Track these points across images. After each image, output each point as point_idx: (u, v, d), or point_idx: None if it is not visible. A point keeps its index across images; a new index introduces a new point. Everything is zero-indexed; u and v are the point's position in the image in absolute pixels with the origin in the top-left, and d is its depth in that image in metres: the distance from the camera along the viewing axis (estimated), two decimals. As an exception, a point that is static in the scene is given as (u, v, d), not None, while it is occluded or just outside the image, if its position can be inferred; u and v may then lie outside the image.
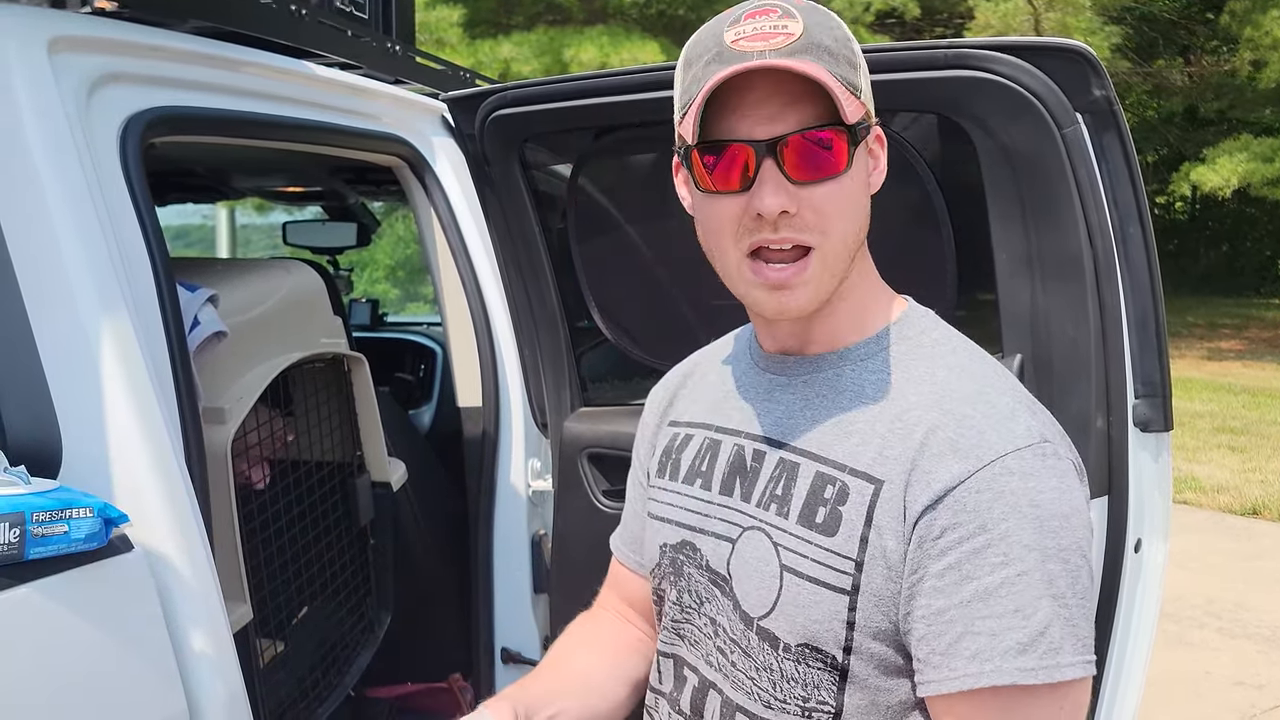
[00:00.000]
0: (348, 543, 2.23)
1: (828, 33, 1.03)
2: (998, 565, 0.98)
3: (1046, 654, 0.97)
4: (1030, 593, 0.98)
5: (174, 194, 3.57)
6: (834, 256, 1.05)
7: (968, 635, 0.99)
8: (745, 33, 1.01)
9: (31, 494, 1.17)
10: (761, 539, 1.10)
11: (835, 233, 1.04)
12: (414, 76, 2.45)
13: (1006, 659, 0.97)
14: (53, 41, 1.44)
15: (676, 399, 1.32)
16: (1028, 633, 0.97)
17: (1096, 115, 1.58)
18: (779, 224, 1.03)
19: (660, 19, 12.33)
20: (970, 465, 1.00)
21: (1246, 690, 4.09)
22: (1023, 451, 1.01)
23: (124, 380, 1.35)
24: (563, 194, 2.16)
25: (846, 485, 1.06)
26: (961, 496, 1.00)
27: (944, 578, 1.00)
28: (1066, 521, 1.00)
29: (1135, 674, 1.80)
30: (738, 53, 1.01)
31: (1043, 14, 12.32)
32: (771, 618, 1.08)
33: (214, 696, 1.36)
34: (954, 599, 0.99)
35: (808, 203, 1.03)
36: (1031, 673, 0.97)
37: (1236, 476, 7.37)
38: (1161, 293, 1.67)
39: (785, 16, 1.02)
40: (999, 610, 0.98)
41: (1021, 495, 0.99)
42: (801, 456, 1.10)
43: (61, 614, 1.19)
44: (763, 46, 1.00)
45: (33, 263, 1.35)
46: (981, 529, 0.99)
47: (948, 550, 1.00)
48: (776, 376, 1.17)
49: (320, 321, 2.19)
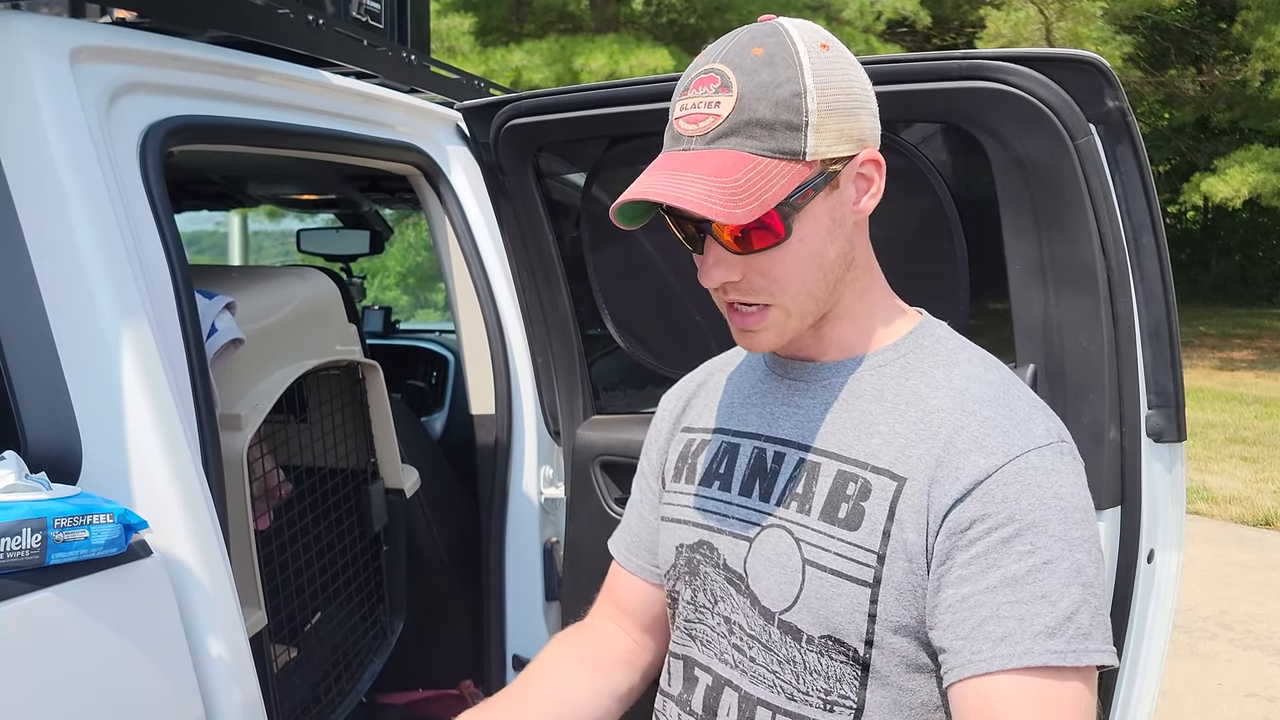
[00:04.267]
0: (361, 549, 2.24)
1: (768, 95, 1.03)
2: (1025, 554, 1.01)
3: (1075, 638, 1.00)
4: (1057, 580, 1.00)
5: (189, 201, 3.59)
6: (795, 305, 1.10)
7: (994, 619, 1.01)
8: (686, 109, 1.06)
9: (53, 499, 1.18)
10: (783, 535, 1.12)
11: (788, 291, 1.09)
12: (429, 85, 2.47)
13: (1037, 641, 0.99)
14: (74, 51, 1.46)
15: (690, 406, 1.33)
16: (1056, 617, 1.00)
17: (1110, 126, 1.59)
18: (728, 289, 1.10)
19: (671, 28, 12.36)
20: (997, 460, 1.04)
21: (1259, 702, 4.07)
22: (1044, 449, 1.05)
23: (143, 387, 1.36)
24: (577, 203, 2.17)
25: (869, 482, 1.09)
26: (990, 489, 1.03)
27: (970, 566, 1.03)
28: (1086, 515, 1.04)
29: (1149, 685, 1.80)
30: (677, 135, 1.07)
31: (1054, 23, 12.31)
32: (794, 611, 1.10)
33: (230, 701, 1.37)
34: (979, 585, 1.02)
35: (754, 268, 1.08)
36: (1061, 655, 0.99)
37: (1249, 487, 7.33)
38: (1175, 303, 1.67)
39: (721, 90, 1.04)
40: (1026, 596, 1.00)
41: (1046, 488, 1.03)
42: (822, 456, 1.13)
43: (82, 619, 1.20)
44: (692, 130, 1.05)
45: (54, 270, 1.36)
46: (1010, 519, 1.02)
47: (976, 540, 1.03)
48: (794, 381, 1.19)
49: (335, 328, 2.20)
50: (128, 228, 1.43)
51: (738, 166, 1.02)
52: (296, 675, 2.04)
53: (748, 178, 1.02)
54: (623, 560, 1.39)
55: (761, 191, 1.02)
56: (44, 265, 1.36)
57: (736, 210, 1.01)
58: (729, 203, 1.01)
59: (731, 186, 1.01)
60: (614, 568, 1.41)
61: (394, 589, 2.34)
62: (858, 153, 1.08)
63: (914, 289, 1.25)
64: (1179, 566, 1.80)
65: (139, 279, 1.42)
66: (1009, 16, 12.41)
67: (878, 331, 1.16)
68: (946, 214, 1.75)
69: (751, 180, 1.02)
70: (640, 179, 1.06)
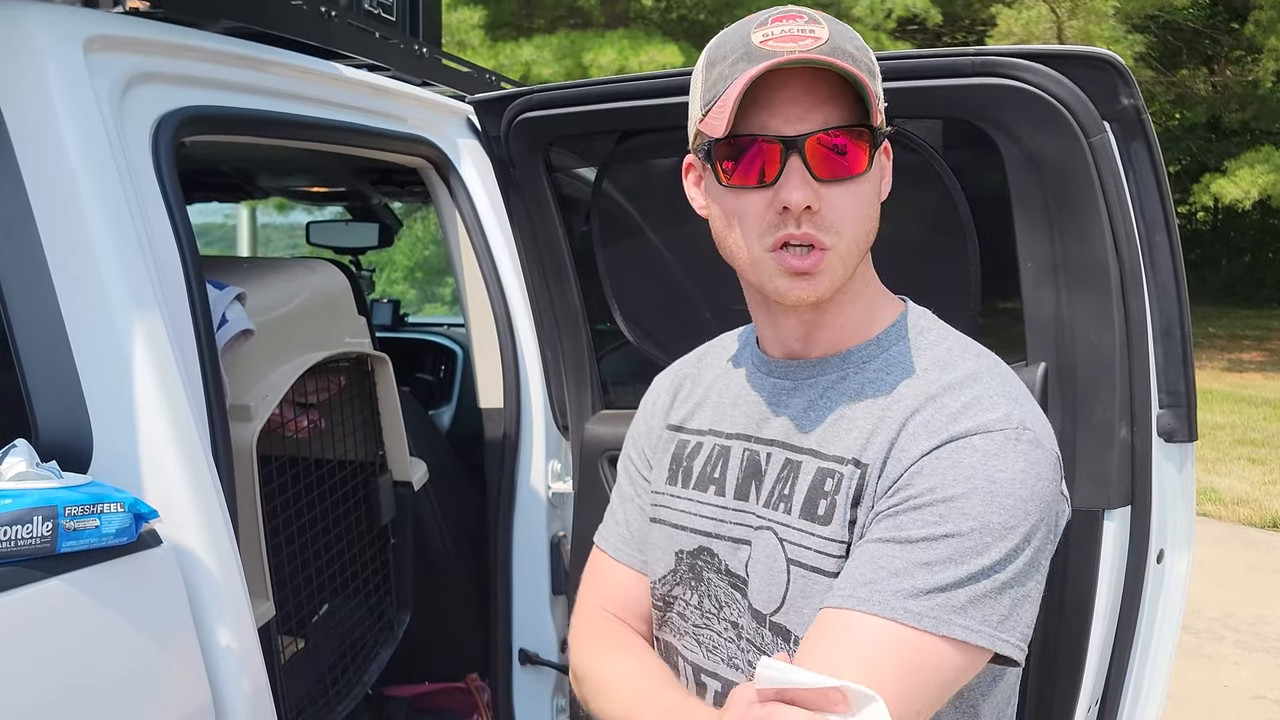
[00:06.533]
0: (368, 541, 2.24)
1: (850, 41, 1.07)
2: (930, 523, 1.00)
3: (942, 608, 0.98)
4: (949, 553, 0.99)
5: (199, 193, 3.59)
6: (847, 254, 1.08)
7: (870, 565, 1.01)
8: (774, 34, 1.05)
9: (64, 488, 1.18)
10: (770, 538, 1.13)
11: (849, 233, 1.07)
12: (440, 79, 2.46)
13: (898, 596, 0.99)
14: (88, 41, 1.46)
15: (678, 401, 1.33)
16: (930, 583, 0.99)
17: (1124, 124, 1.58)
18: (801, 219, 1.05)
19: (680, 23, 12.34)
20: (938, 441, 1.04)
21: (1265, 704, 4.06)
22: (994, 434, 1.03)
23: (154, 377, 1.37)
24: (587, 197, 2.17)
25: (841, 475, 1.09)
26: (922, 465, 1.03)
27: (878, 525, 1.04)
28: (1022, 505, 1.01)
29: (1157, 685, 1.79)
30: (768, 52, 1.04)
31: (1066, 22, 12.27)
32: (782, 612, 1.11)
33: (239, 691, 1.37)
34: (874, 537, 1.03)
35: (828, 200, 1.06)
36: (917, 616, 0.98)
37: (1257, 489, 7.31)
38: (1187, 302, 1.66)
39: (811, 22, 1.06)
40: (911, 558, 1.00)
41: (979, 470, 1.01)
42: (804, 455, 1.13)
43: (92, 607, 1.20)
44: (793, 47, 1.03)
45: (67, 259, 1.36)
46: (929, 491, 1.02)
47: (894, 508, 1.03)
48: (781, 381, 1.19)
49: (345, 321, 2.20)
50: (140, 218, 1.43)
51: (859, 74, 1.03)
52: (304, 666, 2.05)
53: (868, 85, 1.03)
54: (620, 555, 1.34)
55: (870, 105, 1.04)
56: (56, 254, 1.36)
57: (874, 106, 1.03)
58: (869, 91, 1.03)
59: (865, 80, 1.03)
60: (605, 563, 1.36)
61: (401, 582, 2.34)
62: None
63: (925, 286, 1.25)
64: (1189, 567, 1.79)
65: (151, 269, 1.42)
66: (1020, 15, 12.37)
67: (864, 325, 1.16)
68: (958, 211, 1.74)
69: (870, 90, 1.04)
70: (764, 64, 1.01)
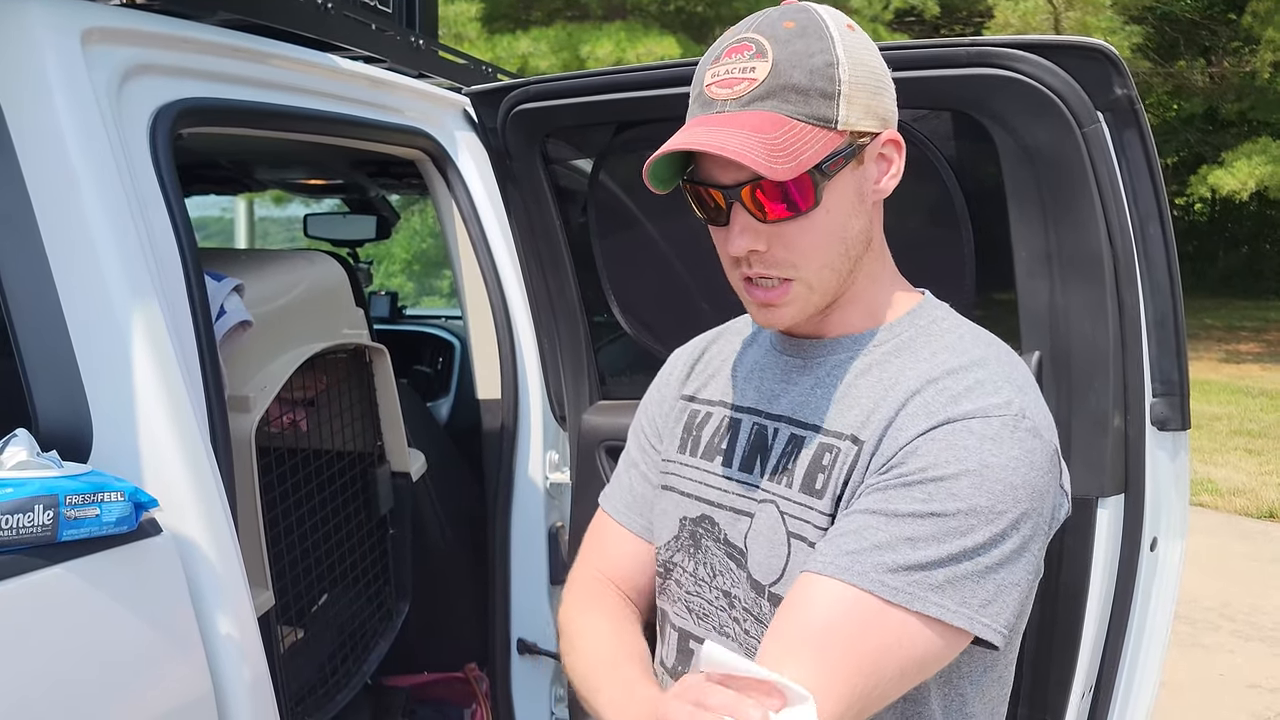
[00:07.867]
0: (367, 531, 2.25)
1: (802, 63, 1.04)
2: (918, 500, 1.01)
3: (920, 585, 0.99)
4: (934, 532, 1.00)
5: (197, 186, 3.59)
6: (818, 280, 1.10)
7: (853, 535, 1.02)
8: (719, 75, 1.07)
9: (65, 477, 1.19)
10: (771, 510, 1.15)
11: (811, 264, 1.09)
12: (437, 71, 2.47)
13: (878, 570, 1.00)
14: (86, 33, 1.46)
15: (694, 372, 1.35)
16: (911, 560, 0.99)
17: (1118, 114, 1.59)
18: (752, 260, 1.09)
19: (678, 15, 12.31)
20: (935, 421, 1.04)
21: (1260, 693, 4.08)
22: (991, 419, 1.04)
23: (153, 367, 1.37)
24: (584, 188, 2.17)
25: (839, 449, 1.10)
26: (917, 444, 1.04)
27: (866, 497, 1.04)
28: (1013, 491, 1.01)
29: (1150, 672, 1.80)
30: (709, 99, 1.06)
31: (1062, 13, 12.25)
32: (782, 583, 1.12)
33: (238, 680, 1.38)
34: (861, 507, 1.04)
35: (779, 239, 1.08)
36: (893, 591, 0.99)
37: (1253, 479, 7.33)
38: (1181, 292, 1.67)
39: (756, 56, 1.05)
40: (896, 532, 1.01)
41: (973, 452, 1.02)
42: (807, 430, 1.15)
43: (93, 595, 1.21)
44: (726, 95, 1.05)
45: (65, 251, 1.37)
46: (921, 470, 1.02)
47: (885, 482, 1.04)
48: (794, 359, 1.21)
49: (343, 312, 2.20)
50: (138, 209, 1.44)
51: (776, 125, 1.03)
52: (303, 656, 2.06)
53: (785, 137, 1.02)
54: (622, 518, 1.36)
55: (799, 152, 1.02)
56: (55, 245, 1.37)
57: (777, 166, 1.01)
58: (770, 157, 1.01)
59: (771, 143, 1.02)
60: (608, 525, 1.37)
61: (400, 572, 2.35)
62: (881, 131, 1.10)
63: (920, 277, 1.26)
64: (1182, 554, 1.80)
65: (149, 260, 1.42)
66: (1017, 6, 12.35)
67: (881, 313, 1.18)
68: (953, 201, 1.75)
69: (789, 140, 1.03)
70: (677, 135, 1.06)
